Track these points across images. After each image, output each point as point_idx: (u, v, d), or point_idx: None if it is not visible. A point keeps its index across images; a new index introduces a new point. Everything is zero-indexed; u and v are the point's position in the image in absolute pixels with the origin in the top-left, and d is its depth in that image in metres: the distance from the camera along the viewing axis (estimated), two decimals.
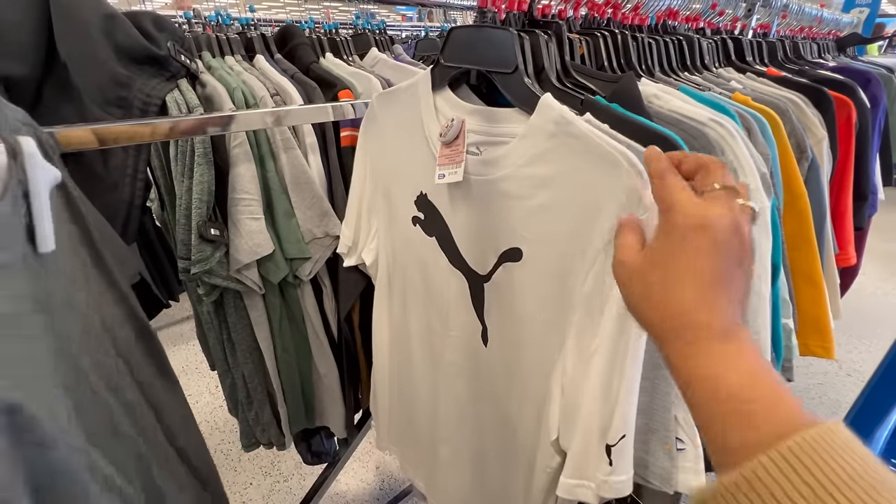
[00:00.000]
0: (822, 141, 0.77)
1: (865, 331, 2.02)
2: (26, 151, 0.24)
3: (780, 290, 0.55)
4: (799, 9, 1.32)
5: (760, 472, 0.22)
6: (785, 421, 0.24)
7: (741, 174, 0.46)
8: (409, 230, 0.59)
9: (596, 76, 0.53)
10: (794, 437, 0.22)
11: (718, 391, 0.26)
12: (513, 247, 0.47)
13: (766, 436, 0.23)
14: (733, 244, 0.29)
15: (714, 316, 0.28)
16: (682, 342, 0.29)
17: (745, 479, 0.23)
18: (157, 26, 0.69)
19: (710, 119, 0.49)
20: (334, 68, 0.91)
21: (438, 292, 0.58)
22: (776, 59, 1.05)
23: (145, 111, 0.65)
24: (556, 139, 0.42)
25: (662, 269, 0.30)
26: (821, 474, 0.21)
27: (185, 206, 0.70)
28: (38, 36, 0.60)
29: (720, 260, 0.29)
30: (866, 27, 3.11)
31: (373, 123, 0.63)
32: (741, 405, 0.25)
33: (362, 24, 1.25)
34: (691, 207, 0.29)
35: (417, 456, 0.74)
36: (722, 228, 0.29)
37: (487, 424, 0.58)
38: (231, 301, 0.80)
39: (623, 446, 0.41)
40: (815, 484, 0.21)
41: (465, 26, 0.51)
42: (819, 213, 0.72)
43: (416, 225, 0.58)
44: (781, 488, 0.22)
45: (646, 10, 0.78)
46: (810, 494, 0.21)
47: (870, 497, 0.20)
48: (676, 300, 0.29)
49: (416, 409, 0.69)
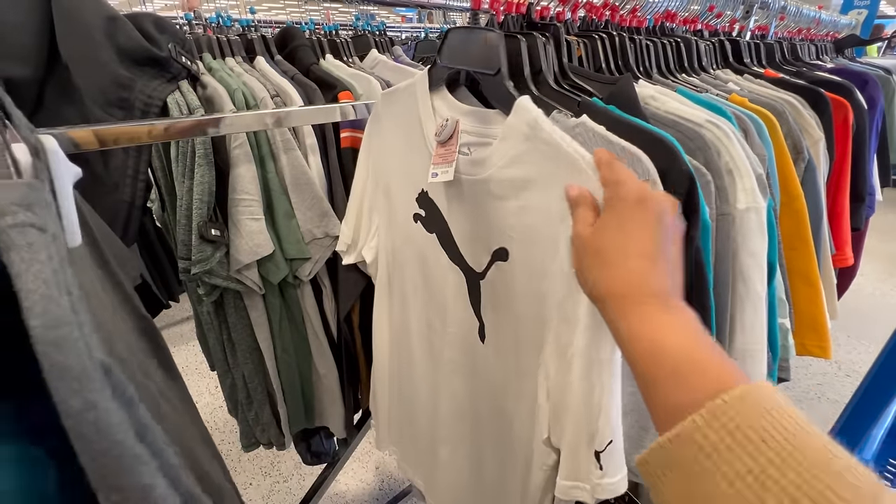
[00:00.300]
0: (818, 142, 0.78)
1: (864, 331, 2.03)
2: (49, 148, 0.25)
3: (776, 289, 0.55)
4: (797, 11, 1.33)
5: (690, 428, 0.24)
6: (719, 383, 0.25)
7: (737, 175, 0.47)
8: (411, 227, 0.60)
9: (594, 78, 0.53)
10: (721, 396, 0.24)
11: (660, 356, 0.28)
12: (501, 246, 0.48)
13: (702, 396, 0.25)
14: (669, 222, 0.33)
15: (657, 283, 0.31)
16: (629, 303, 0.31)
17: (678, 436, 0.24)
18: (158, 28, 0.70)
19: (706, 120, 0.50)
20: (334, 70, 0.92)
21: (438, 288, 0.59)
22: (774, 61, 1.06)
23: (146, 112, 0.66)
24: (530, 142, 0.43)
25: (611, 239, 0.33)
26: (747, 427, 0.22)
27: (186, 206, 0.70)
28: (39, 38, 0.61)
29: (660, 233, 0.32)
30: (864, 29, 3.12)
31: (376, 123, 0.63)
32: (680, 369, 0.27)
33: (362, 26, 1.25)
34: (635, 184, 0.34)
35: (417, 455, 0.74)
36: (662, 205, 0.33)
37: (485, 421, 0.58)
38: (231, 301, 0.81)
39: (612, 450, 0.41)
40: (741, 436, 0.22)
41: (460, 27, 0.52)
42: (815, 213, 0.72)
43: (417, 222, 0.59)
44: (711, 443, 0.23)
45: (644, 12, 0.79)
46: (736, 446, 0.22)
47: (790, 444, 0.21)
48: (623, 266, 0.32)
49: (416, 408, 0.70)
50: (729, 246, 0.48)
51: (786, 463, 0.21)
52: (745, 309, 0.49)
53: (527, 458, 0.52)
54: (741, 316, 0.49)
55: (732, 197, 0.48)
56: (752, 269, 0.48)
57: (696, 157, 0.47)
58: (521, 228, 0.45)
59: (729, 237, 0.48)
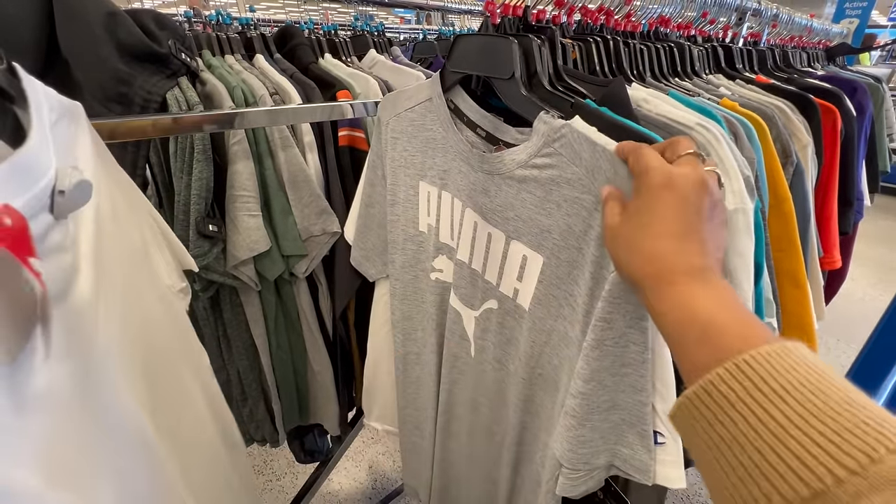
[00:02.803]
0: (806, 147, 0.79)
1: (854, 335, 2.05)
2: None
3: (763, 289, 0.57)
4: (789, 18, 1.35)
5: (716, 381, 0.25)
6: (750, 342, 0.25)
7: (725, 177, 0.48)
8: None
9: (588, 80, 0.54)
10: (749, 352, 0.24)
11: (689, 322, 0.29)
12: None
13: (730, 353, 0.25)
14: (699, 199, 0.32)
15: (687, 261, 0.31)
16: (661, 283, 0.31)
17: (704, 389, 0.25)
18: (158, 24, 0.70)
19: (696, 123, 0.51)
20: (333, 69, 0.92)
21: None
22: (766, 67, 1.08)
23: (146, 108, 0.66)
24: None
25: (638, 223, 0.34)
26: (772, 380, 0.23)
27: (184, 202, 0.71)
28: (40, 32, 0.61)
29: (687, 213, 0.32)
30: (856, 37, 3.17)
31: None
32: (709, 331, 0.28)
33: (361, 27, 1.26)
34: (660, 169, 0.34)
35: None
36: (687, 185, 0.32)
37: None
38: (227, 297, 0.81)
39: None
40: (767, 388, 0.23)
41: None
42: (803, 216, 0.74)
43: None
44: (736, 394, 0.24)
45: (638, 17, 0.80)
46: (761, 398, 0.23)
47: (817, 398, 0.22)
48: (653, 247, 0.32)
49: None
50: None
51: (808, 411, 0.21)
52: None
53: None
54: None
55: None
56: (739, 268, 0.49)
57: None
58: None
59: None
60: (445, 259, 0.61)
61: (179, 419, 0.38)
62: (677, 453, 0.43)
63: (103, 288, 0.29)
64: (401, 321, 0.70)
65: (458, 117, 0.55)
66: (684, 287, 0.30)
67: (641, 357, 0.40)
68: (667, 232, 0.32)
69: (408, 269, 0.67)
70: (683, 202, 0.32)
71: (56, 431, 0.21)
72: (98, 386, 0.27)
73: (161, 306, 0.40)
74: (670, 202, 0.32)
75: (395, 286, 0.69)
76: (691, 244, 0.32)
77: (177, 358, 0.41)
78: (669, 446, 0.43)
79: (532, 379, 0.52)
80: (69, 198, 0.26)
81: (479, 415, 0.62)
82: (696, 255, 0.31)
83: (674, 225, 0.32)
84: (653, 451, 0.43)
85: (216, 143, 0.72)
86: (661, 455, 0.43)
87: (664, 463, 0.43)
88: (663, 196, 0.33)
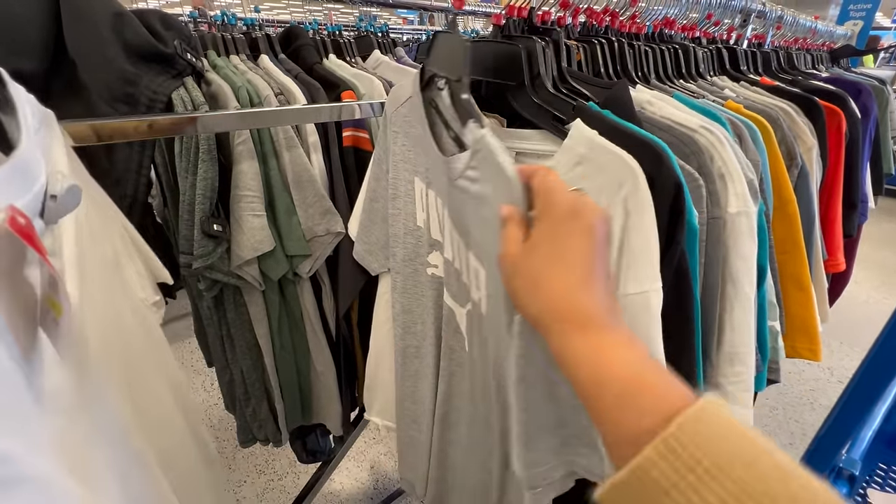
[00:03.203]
0: (811, 149, 0.79)
1: (857, 338, 2.05)
2: None
3: (766, 292, 0.57)
4: (793, 20, 1.35)
5: (647, 465, 0.23)
6: (668, 405, 0.24)
7: (729, 180, 0.48)
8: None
9: (591, 82, 0.54)
10: (675, 421, 0.23)
11: (605, 381, 0.27)
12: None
13: (651, 423, 0.24)
14: (602, 234, 0.30)
15: (593, 303, 0.29)
16: (566, 327, 0.29)
17: (635, 475, 0.23)
18: (164, 25, 0.70)
19: (700, 126, 0.51)
20: (337, 69, 0.93)
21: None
22: (770, 69, 1.08)
23: (151, 108, 0.66)
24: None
25: (543, 255, 0.31)
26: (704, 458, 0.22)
27: (189, 201, 0.71)
28: (47, 32, 0.62)
29: (593, 245, 0.30)
30: (860, 39, 3.16)
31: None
32: (626, 392, 0.26)
33: (365, 27, 1.27)
34: (566, 194, 0.31)
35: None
36: (593, 216, 0.30)
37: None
38: (231, 297, 0.82)
39: None
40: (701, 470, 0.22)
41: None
42: (808, 218, 0.74)
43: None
44: (669, 479, 0.22)
45: (643, 18, 0.80)
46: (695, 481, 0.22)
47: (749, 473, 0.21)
48: (558, 283, 0.30)
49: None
50: (719, 249, 0.49)
51: (744, 491, 0.21)
52: (733, 310, 0.50)
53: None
54: (730, 317, 0.50)
55: (724, 201, 0.49)
56: (741, 271, 0.49)
57: (689, 161, 0.49)
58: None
59: (720, 240, 0.49)
60: (438, 255, 0.61)
61: (158, 436, 0.37)
62: None
63: (85, 296, 0.28)
64: (401, 314, 0.70)
65: (438, 115, 0.55)
66: (596, 337, 0.28)
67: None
68: (576, 268, 0.29)
69: (408, 262, 0.67)
70: (590, 235, 0.30)
71: (65, 433, 0.21)
72: (93, 392, 0.27)
73: (135, 319, 0.39)
74: (576, 232, 0.30)
75: (396, 279, 0.69)
76: (599, 282, 0.29)
77: (151, 371, 0.40)
78: None
79: (499, 384, 0.51)
80: (60, 203, 0.25)
81: (477, 406, 0.62)
82: (606, 295, 0.29)
83: (583, 260, 0.29)
84: (606, 459, 0.43)
85: (221, 143, 0.72)
86: None
87: None
88: (569, 224, 0.30)
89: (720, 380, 0.51)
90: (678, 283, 0.42)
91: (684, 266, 0.42)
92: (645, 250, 0.38)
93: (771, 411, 1.70)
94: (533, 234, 0.32)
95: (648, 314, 0.39)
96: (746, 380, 0.51)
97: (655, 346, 0.40)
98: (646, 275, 0.38)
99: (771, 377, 0.63)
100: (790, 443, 1.56)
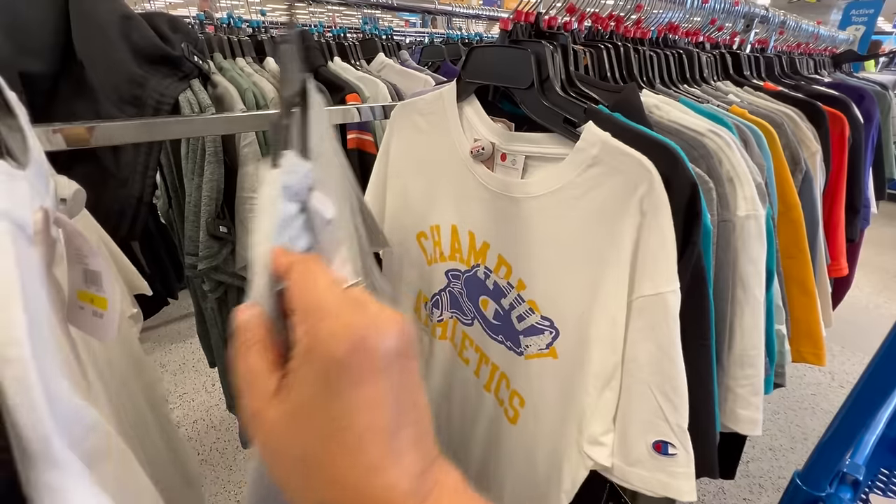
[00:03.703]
0: (815, 154, 0.79)
1: (859, 342, 2.05)
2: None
3: (774, 296, 0.57)
4: (796, 25, 1.35)
5: None
6: None
7: (738, 183, 0.48)
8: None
9: (599, 86, 0.55)
10: None
11: None
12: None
13: None
14: (401, 362, 0.20)
15: (404, 473, 0.19)
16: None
17: None
18: (171, 27, 0.71)
19: (708, 130, 0.51)
20: (342, 72, 0.93)
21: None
22: (773, 74, 1.08)
23: (158, 110, 0.67)
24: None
25: (313, 425, 0.19)
26: None
27: (195, 203, 0.71)
28: (56, 35, 0.62)
29: (390, 392, 0.19)
30: (862, 44, 3.17)
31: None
32: None
33: (370, 30, 1.27)
34: (338, 305, 0.20)
35: None
36: (382, 335, 0.19)
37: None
38: (235, 298, 0.82)
39: None
40: None
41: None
42: (812, 223, 0.74)
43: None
44: None
45: (647, 24, 0.80)
46: None
47: None
48: (344, 464, 0.19)
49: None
50: (729, 252, 0.49)
51: None
52: (744, 313, 0.50)
53: None
54: (740, 321, 0.50)
55: (733, 204, 0.49)
56: (751, 274, 0.49)
57: (698, 164, 0.49)
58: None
59: (729, 243, 0.49)
60: None
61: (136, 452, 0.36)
62: (688, 465, 0.42)
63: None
64: None
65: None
66: None
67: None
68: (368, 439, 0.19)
69: None
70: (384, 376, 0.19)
71: None
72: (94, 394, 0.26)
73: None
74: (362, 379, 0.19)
75: None
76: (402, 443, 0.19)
77: (132, 383, 0.40)
78: (681, 458, 0.42)
79: None
80: (69, 206, 0.25)
81: None
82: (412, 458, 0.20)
83: (375, 423, 0.19)
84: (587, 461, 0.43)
85: (227, 146, 0.72)
86: (672, 467, 0.42)
87: (675, 475, 0.42)
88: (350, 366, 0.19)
89: (730, 383, 0.51)
90: (696, 285, 0.42)
91: (700, 267, 0.42)
92: (661, 250, 0.38)
93: (772, 415, 1.70)
94: (296, 385, 0.19)
95: (666, 316, 0.38)
96: (756, 383, 0.51)
97: (675, 350, 0.40)
98: (662, 276, 0.38)
99: (777, 381, 0.63)
100: (791, 447, 1.56)
